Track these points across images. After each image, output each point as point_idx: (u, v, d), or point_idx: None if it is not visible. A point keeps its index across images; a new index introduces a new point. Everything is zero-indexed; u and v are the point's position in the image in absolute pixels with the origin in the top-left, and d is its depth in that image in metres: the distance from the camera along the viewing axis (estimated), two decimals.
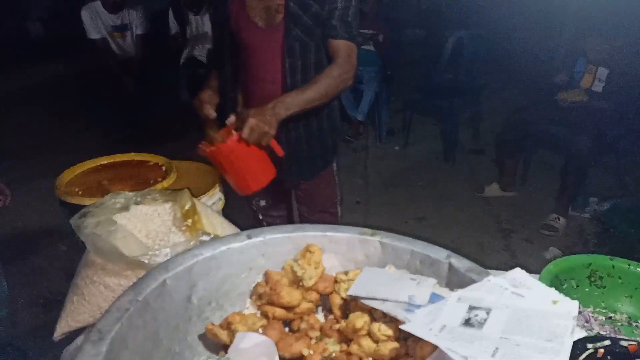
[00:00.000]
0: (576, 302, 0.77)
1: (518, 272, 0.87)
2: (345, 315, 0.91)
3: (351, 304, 0.91)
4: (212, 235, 0.99)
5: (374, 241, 1.02)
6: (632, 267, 1.03)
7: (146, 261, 0.94)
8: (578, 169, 2.90)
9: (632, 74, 2.83)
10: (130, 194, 1.10)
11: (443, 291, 0.89)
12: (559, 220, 2.89)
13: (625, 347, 0.78)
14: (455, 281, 0.92)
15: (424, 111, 4.42)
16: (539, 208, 3.06)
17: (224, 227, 1.12)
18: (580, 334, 0.74)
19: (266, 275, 0.97)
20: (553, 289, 0.82)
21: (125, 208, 1.08)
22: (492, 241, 2.84)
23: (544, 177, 3.38)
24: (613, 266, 1.04)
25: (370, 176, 3.73)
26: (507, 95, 4.51)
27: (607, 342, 0.78)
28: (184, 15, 4.00)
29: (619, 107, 2.90)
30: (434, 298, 0.88)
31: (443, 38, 4.20)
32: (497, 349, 0.71)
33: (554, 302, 0.78)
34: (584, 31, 3.01)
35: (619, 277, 1.03)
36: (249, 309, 0.96)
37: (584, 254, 1.07)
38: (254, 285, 0.96)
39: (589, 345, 0.78)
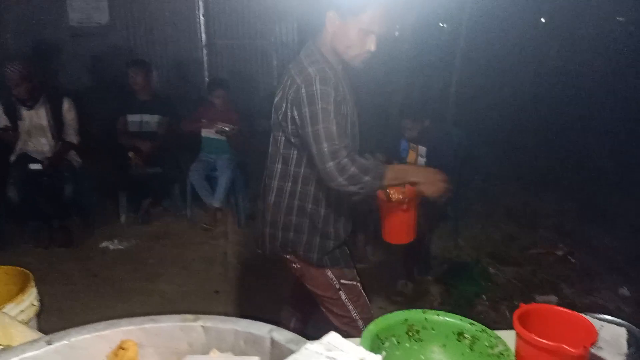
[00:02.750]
0: (379, 356, 0.81)
1: (332, 336, 0.90)
2: None
3: None
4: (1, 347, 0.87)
5: (196, 327, 0.97)
6: (441, 317, 1.12)
7: None
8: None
9: (442, 149, 3.28)
10: None
11: None
12: (407, 285, 3.10)
13: None
14: (277, 354, 0.91)
15: None
16: (389, 276, 3.26)
17: (25, 336, 0.98)
18: None
19: None
20: (361, 347, 0.85)
21: None
22: None
23: (391, 246, 3.63)
24: (426, 319, 1.12)
25: (231, 263, 3.65)
26: None
27: None
28: (17, 110, 3.72)
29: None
30: None
31: None
32: None
33: None
34: (402, 114, 3.43)
35: (432, 328, 1.12)
36: None
37: (400, 311, 1.14)
38: None
39: None
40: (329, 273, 1.80)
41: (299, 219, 1.76)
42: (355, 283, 1.85)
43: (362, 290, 1.87)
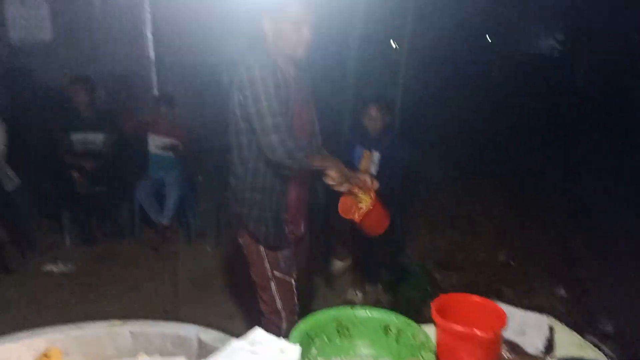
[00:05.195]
0: (297, 346, 0.85)
1: (256, 332, 0.93)
2: None
3: None
4: None
5: (124, 332, 0.99)
6: (368, 313, 1.17)
7: None
8: (364, 247, 3.25)
9: (394, 157, 3.33)
10: None
11: None
12: (357, 294, 3.15)
13: None
14: (205, 354, 0.93)
15: None
16: (339, 286, 3.31)
17: None
18: None
19: None
20: (282, 339, 0.89)
21: None
22: None
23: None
24: (354, 315, 1.17)
25: (181, 281, 3.59)
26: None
27: None
28: None
29: (388, 187, 3.36)
30: None
31: None
32: None
33: (282, 351, 0.85)
34: (367, 102, 3.37)
35: (361, 324, 1.16)
36: None
37: (330, 308, 1.18)
38: None
39: None
40: (266, 263, 1.96)
41: (253, 197, 1.92)
42: (288, 279, 2.00)
43: (295, 290, 2.02)
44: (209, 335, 0.94)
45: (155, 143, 4.10)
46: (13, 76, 5.46)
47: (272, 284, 1.98)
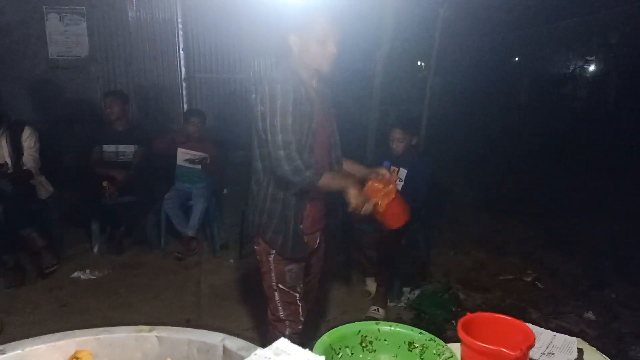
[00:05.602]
0: (322, 357, 0.85)
1: (281, 342, 0.94)
2: None
3: None
4: None
5: (151, 337, 1.01)
6: (393, 328, 1.17)
7: None
8: (387, 264, 3.23)
9: (420, 174, 3.33)
10: None
11: None
12: (379, 311, 3.12)
13: None
14: None
15: None
16: (360, 302, 3.28)
17: None
18: None
19: None
20: (307, 351, 0.89)
21: None
22: None
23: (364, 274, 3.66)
24: (379, 330, 1.16)
25: (203, 291, 3.63)
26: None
27: None
28: None
29: (413, 204, 3.35)
30: None
31: None
32: None
33: None
34: (393, 124, 3.46)
35: (385, 339, 1.16)
36: None
37: (354, 322, 1.18)
38: None
39: None
40: (272, 274, 2.01)
41: (274, 208, 1.96)
42: (292, 293, 2.03)
43: (299, 302, 2.05)
44: (234, 343, 0.95)
45: (184, 156, 4.18)
46: (50, 89, 5.68)
47: (276, 295, 2.03)
